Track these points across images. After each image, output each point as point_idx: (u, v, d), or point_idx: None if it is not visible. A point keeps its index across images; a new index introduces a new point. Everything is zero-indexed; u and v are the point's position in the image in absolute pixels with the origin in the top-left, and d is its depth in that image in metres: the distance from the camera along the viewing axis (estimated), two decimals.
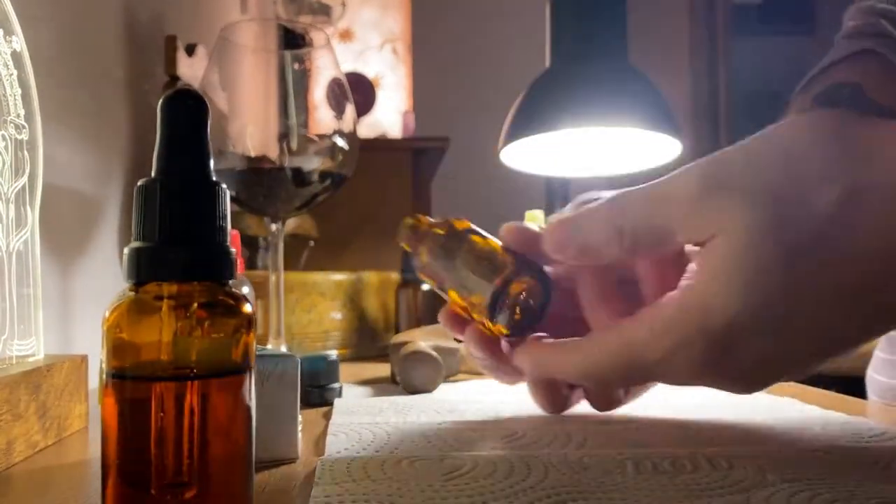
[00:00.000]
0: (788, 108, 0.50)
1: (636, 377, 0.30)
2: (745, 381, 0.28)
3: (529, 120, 0.75)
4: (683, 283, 0.27)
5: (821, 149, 0.26)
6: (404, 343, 0.54)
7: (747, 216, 0.26)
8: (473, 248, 0.35)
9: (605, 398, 0.37)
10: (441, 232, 0.37)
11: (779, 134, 0.28)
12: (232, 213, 0.25)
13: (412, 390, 0.50)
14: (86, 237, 0.60)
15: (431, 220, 0.39)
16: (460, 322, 0.37)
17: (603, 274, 0.34)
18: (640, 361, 0.28)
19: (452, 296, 0.36)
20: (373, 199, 1.43)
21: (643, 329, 0.28)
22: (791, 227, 0.25)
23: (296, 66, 0.55)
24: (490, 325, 0.34)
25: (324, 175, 0.55)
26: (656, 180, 0.29)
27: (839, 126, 0.27)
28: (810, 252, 0.25)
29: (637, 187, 0.30)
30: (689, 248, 0.31)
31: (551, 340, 0.33)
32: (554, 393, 0.37)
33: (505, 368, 0.36)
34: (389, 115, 2.30)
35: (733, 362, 0.27)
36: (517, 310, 0.34)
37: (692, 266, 0.28)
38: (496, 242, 0.35)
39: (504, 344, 0.36)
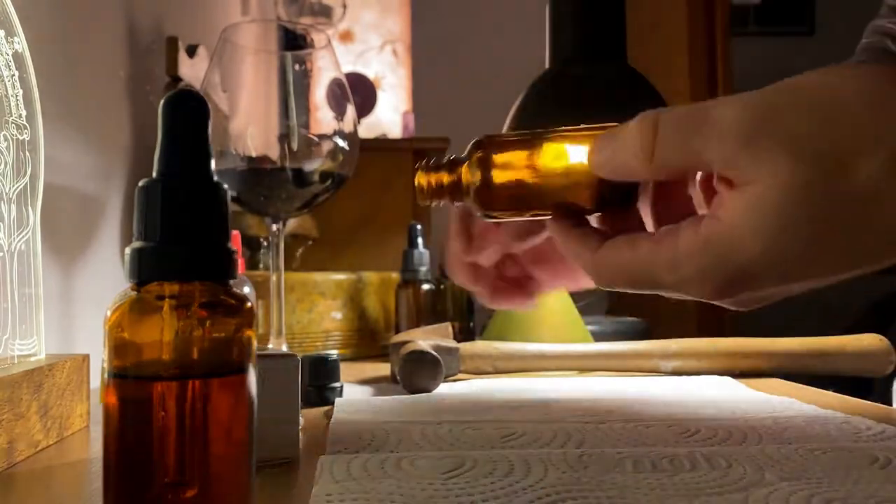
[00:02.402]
0: None
1: (644, 289, 0.32)
2: (742, 305, 0.31)
3: (529, 120, 0.76)
4: (709, 213, 0.29)
5: (871, 113, 0.26)
6: (404, 343, 0.54)
7: (790, 171, 0.26)
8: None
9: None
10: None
11: (832, 85, 0.28)
12: (232, 213, 0.25)
13: (412, 390, 0.50)
14: (87, 237, 0.60)
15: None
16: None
17: None
18: (655, 281, 0.30)
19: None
20: (373, 199, 1.43)
21: (663, 254, 0.29)
22: (830, 191, 0.26)
23: (297, 66, 0.55)
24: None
25: (324, 175, 0.55)
26: (695, 105, 0.29)
27: (891, 88, 0.27)
28: (841, 218, 0.26)
29: (672, 108, 0.30)
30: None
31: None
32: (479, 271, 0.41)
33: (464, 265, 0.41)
34: (389, 116, 2.30)
35: (741, 294, 0.29)
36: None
37: (718, 198, 0.28)
38: None
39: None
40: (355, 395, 0.50)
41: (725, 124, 0.27)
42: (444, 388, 0.51)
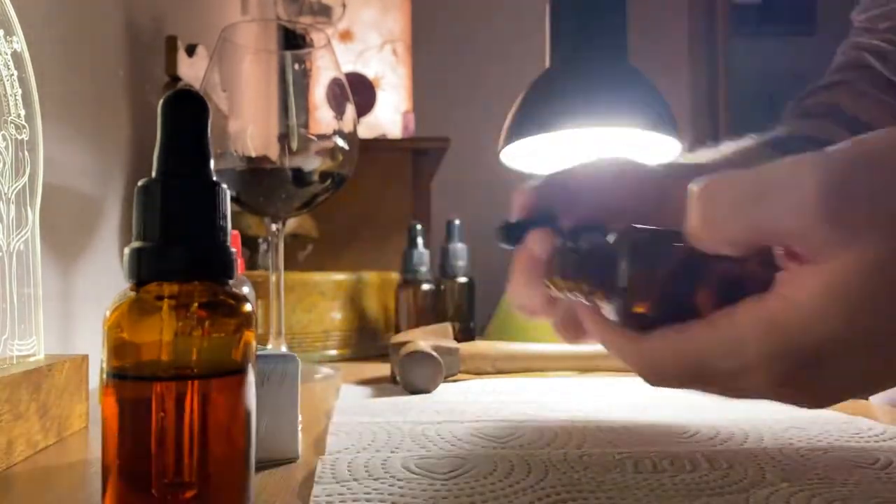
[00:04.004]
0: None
1: (698, 382, 0.28)
2: (818, 398, 0.27)
3: (529, 120, 0.75)
4: (774, 291, 0.25)
5: None
6: (404, 343, 0.54)
7: (875, 249, 0.23)
8: None
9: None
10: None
11: None
12: (232, 213, 0.25)
13: (412, 390, 0.50)
14: (86, 237, 0.60)
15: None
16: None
17: None
18: (711, 369, 0.26)
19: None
20: (373, 199, 1.43)
21: (720, 338, 0.26)
22: None
23: (296, 66, 0.55)
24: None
25: (324, 175, 0.55)
26: (751, 170, 0.25)
27: None
28: None
29: (731, 175, 0.26)
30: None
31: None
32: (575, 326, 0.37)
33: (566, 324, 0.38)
34: (389, 115, 2.30)
35: (816, 380, 0.25)
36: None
37: (786, 275, 0.25)
38: None
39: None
40: (355, 395, 0.50)
41: (802, 193, 0.24)
42: (444, 388, 0.51)
